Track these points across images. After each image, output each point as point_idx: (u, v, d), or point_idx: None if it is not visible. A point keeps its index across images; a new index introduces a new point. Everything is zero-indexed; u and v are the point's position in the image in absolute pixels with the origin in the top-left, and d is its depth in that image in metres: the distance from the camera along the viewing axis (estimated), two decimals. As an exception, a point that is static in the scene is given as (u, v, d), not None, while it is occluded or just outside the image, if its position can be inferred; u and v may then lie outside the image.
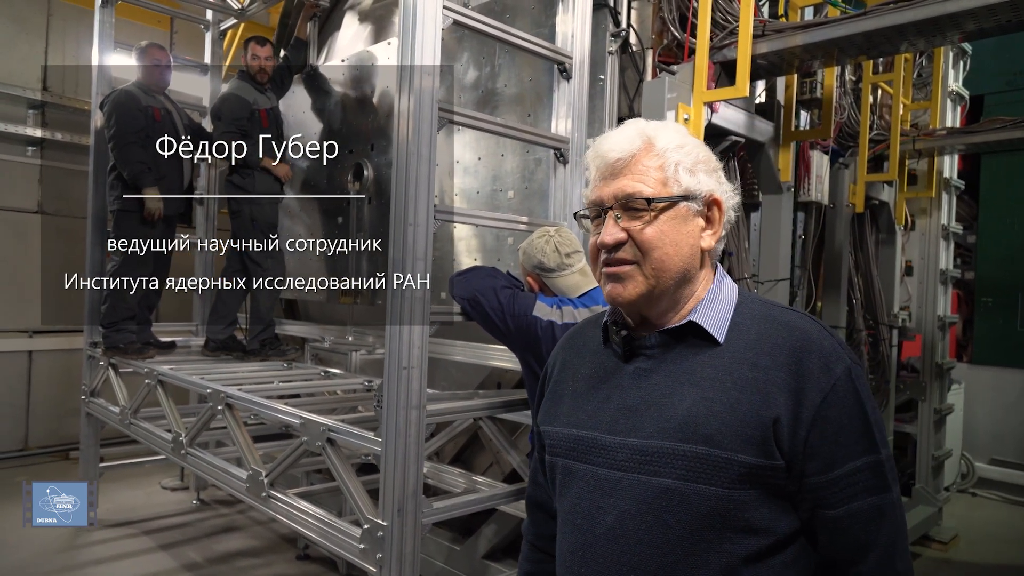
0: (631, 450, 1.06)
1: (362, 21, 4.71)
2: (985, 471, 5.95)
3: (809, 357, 1.02)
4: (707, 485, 1.00)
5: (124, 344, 4.21)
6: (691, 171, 1.09)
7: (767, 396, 1.01)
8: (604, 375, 1.16)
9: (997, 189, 6.14)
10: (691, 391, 1.04)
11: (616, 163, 1.10)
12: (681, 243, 1.08)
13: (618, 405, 1.10)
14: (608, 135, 1.14)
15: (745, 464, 0.99)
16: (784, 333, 1.05)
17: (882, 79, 4.67)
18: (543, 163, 3.29)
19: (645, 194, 1.07)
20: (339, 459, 2.61)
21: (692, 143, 1.12)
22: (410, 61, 2.32)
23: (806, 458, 1.00)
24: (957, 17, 2.61)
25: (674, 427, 1.03)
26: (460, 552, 3.59)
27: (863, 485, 1.00)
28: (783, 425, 0.99)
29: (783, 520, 1.02)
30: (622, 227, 1.08)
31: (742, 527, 1.00)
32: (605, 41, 3.14)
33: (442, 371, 3.83)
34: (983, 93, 6.21)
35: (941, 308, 5.41)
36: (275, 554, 4.27)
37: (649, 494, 1.03)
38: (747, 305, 1.11)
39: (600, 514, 1.08)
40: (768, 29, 2.99)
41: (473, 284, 2.44)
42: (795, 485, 1.01)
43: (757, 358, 1.03)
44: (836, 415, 1.00)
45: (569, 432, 1.16)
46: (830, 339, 1.05)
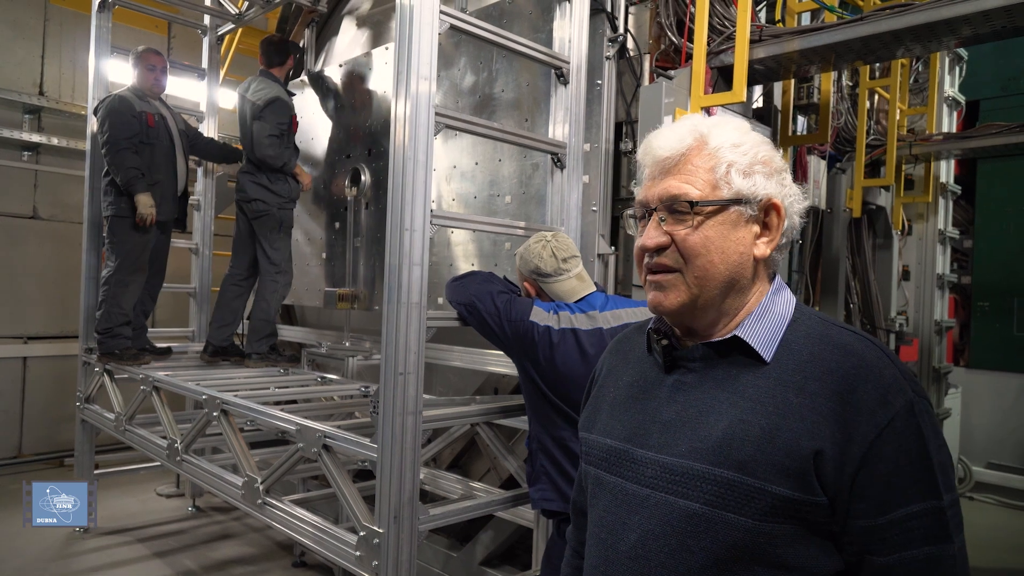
0: (661, 467, 1.00)
1: (360, 26, 4.71)
2: (982, 475, 5.95)
3: (864, 387, 0.92)
4: (735, 514, 0.92)
5: (120, 350, 4.19)
6: (746, 173, 1.01)
7: (811, 425, 0.91)
8: (644, 385, 1.10)
9: (993, 194, 6.15)
10: (730, 411, 0.97)
11: (665, 161, 1.03)
12: (729, 251, 1.00)
13: (653, 418, 1.05)
14: (661, 131, 1.07)
15: (778, 496, 0.90)
16: (838, 357, 0.95)
17: (879, 84, 4.68)
18: (540, 168, 3.29)
19: (691, 196, 1.00)
20: (335, 465, 2.59)
21: (751, 142, 1.04)
22: (406, 66, 2.32)
23: (853, 498, 0.90)
24: (953, 23, 2.61)
25: (707, 448, 0.96)
26: (457, 559, 3.57)
27: (919, 533, 0.89)
28: (827, 459, 0.90)
29: (822, 560, 0.93)
30: (665, 230, 1.01)
31: (772, 563, 0.92)
32: (602, 46, 3.14)
33: (439, 376, 3.82)
34: (979, 98, 6.23)
35: (938, 312, 5.42)
36: (271, 561, 4.24)
37: (674, 516, 0.97)
38: (803, 322, 1.02)
39: (624, 531, 1.03)
40: (765, 34, 2.99)
41: (470, 289, 2.42)
42: (839, 526, 0.92)
43: (805, 382, 0.94)
44: (892, 454, 0.90)
45: (603, 441, 1.12)
46: (891, 367, 0.94)
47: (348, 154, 4.46)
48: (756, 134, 1.06)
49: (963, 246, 6.29)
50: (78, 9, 6.17)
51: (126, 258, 4.16)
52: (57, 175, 6.21)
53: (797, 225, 1.05)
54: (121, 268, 4.16)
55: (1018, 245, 5.96)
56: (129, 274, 4.19)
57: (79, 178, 5.09)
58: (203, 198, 5.34)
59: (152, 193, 4.11)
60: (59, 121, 6.22)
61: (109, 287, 4.17)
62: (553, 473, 2.27)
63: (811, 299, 4.41)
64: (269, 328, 4.30)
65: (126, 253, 4.16)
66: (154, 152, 4.20)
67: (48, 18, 6.20)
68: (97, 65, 4.71)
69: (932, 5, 2.62)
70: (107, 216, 4.19)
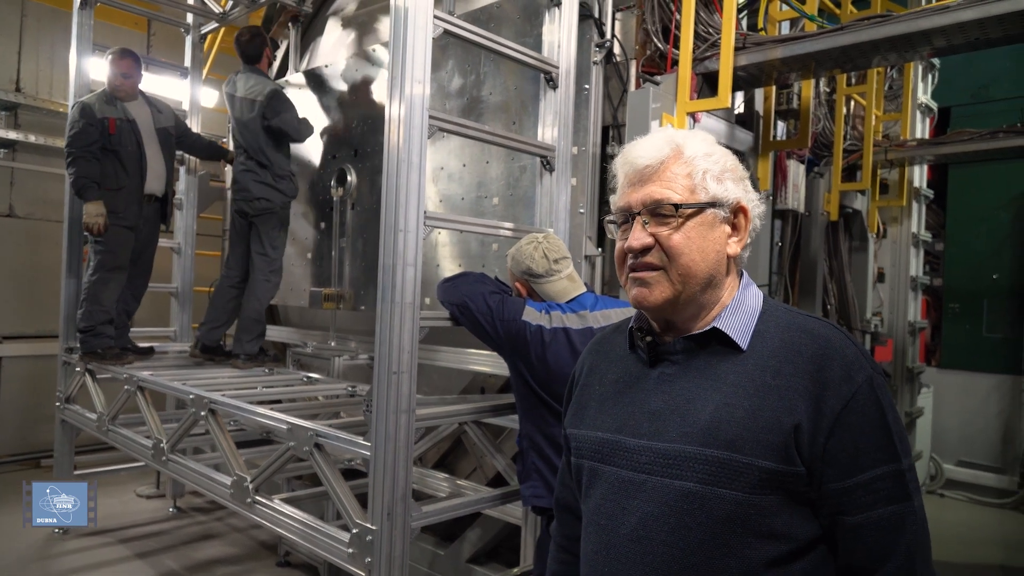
0: (654, 453, 1.08)
1: (345, 27, 4.71)
2: (953, 472, 6.10)
3: (831, 365, 1.02)
4: (727, 489, 1.01)
5: (102, 349, 4.16)
6: (718, 179, 1.11)
7: (789, 403, 1.01)
8: (629, 380, 1.18)
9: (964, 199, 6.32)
10: (714, 397, 1.06)
11: (645, 170, 1.12)
12: (707, 249, 1.10)
13: (642, 409, 1.12)
14: (637, 142, 1.16)
15: (765, 470, 1.00)
16: (807, 341, 1.06)
17: (855, 91, 4.80)
18: (528, 170, 3.33)
19: (673, 200, 1.09)
20: (327, 464, 2.61)
21: (720, 152, 1.14)
22: (401, 69, 2.35)
23: (825, 464, 1.00)
24: (929, 34, 2.70)
25: (697, 432, 1.04)
26: (444, 556, 3.60)
27: (883, 493, 1.00)
28: (803, 432, 1.00)
29: (804, 526, 1.02)
30: (649, 232, 1.10)
31: (762, 532, 1.00)
32: (590, 51, 3.20)
33: (424, 377, 3.84)
34: (950, 105, 6.40)
35: (911, 314, 5.56)
36: (255, 561, 4.23)
37: (671, 497, 1.04)
38: (771, 313, 1.12)
39: (624, 515, 1.09)
40: (748, 42, 3.06)
41: (462, 290, 2.46)
42: (815, 492, 1.02)
43: (780, 365, 1.04)
44: (856, 422, 1.00)
45: (595, 435, 1.18)
46: (853, 348, 1.05)
47: (334, 154, 4.47)
48: (720, 146, 1.17)
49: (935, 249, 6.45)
50: (56, 5, 6.10)
51: (107, 256, 4.13)
52: (34, 172, 6.13)
53: (758, 227, 1.16)
54: (102, 266, 4.13)
55: (987, 249, 6.13)
56: (110, 271, 4.16)
57: (57, 176, 5.05)
58: (185, 197, 5.30)
59: (117, 198, 4.11)
60: (36, 118, 6.14)
61: (90, 285, 4.14)
62: (544, 470, 2.31)
63: (790, 300, 4.50)
64: (260, 328, 4.29)
65: (107, 251, 4.13)
66: (118, 157, 4.16)
67: (25, 14, 6.12)
68: (78, 63, 4.66)
69: (909, 16, 2.71)
70: None
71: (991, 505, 5.83)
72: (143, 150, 4.28)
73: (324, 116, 4.58)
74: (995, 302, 6.08)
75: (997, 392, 6.05)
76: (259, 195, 4.17)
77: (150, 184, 4.33)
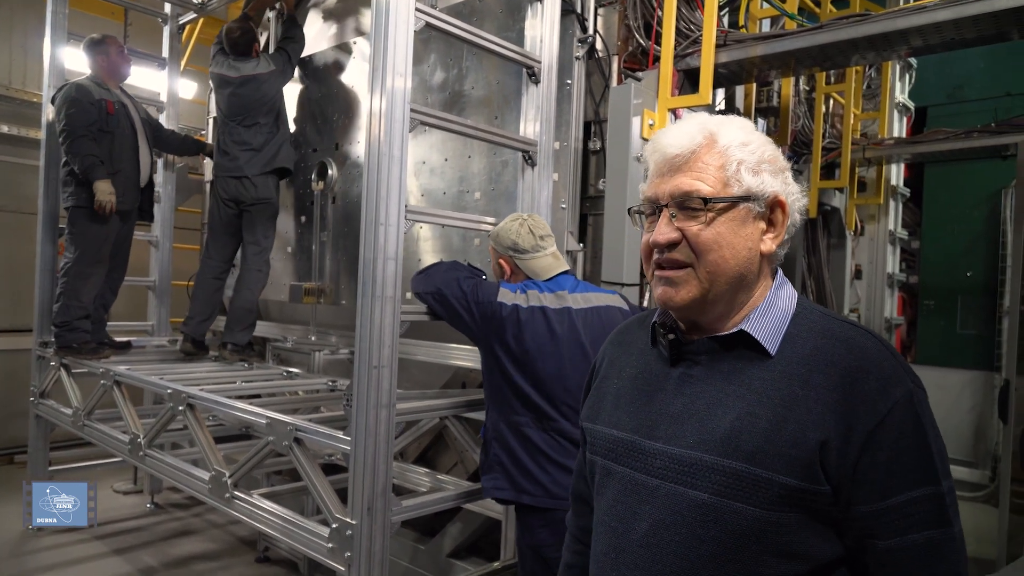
0: (669, 458, 1.03)
1: (326, 19, 4.67)
2: (927, 467, 6.19)
3: (866, 378, 0.95)
4: (744, 504, 0.95)
5: (78, 344, 4.10)
6: (754, 171, 1.03)
7: (817, 416, 0.94)
8: (649, 378, 1.12)
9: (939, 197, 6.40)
10: (737, 404, 0.99)
11: (675, 159, 1.04)
12: (738, 246, 1.02)
13: (660, 410, 1.07)
14: (668, 129, 1.09)
15: (786, 486, 0.93)
16: (841, 350, 0.98)
17: (834, 89, 4.84)
18: (510, 165, 3.33)
19: (703, 193, 1.01)
20: (307, 458, 2.60)
21: (758, 141, 1.06)
22: (382, 62, 2.33)
23: (855, 485, 0.93)
24: (906, 33, 2.74)
25: (715, 440, 0.99)
26: (425, 551, 3.60)
27: (919, 518, 0.93)
28: (831, 449, 0.93)
29: (824, 547, 0.96)
30: (677, 226, 1.03)
31: (779, 551, 0.95)
32: (572, 47, 3.20)
33: (405, 372, 3.83)
34: (927, 105, 6.48)
35: (888, 310, 5.64)
36: (234, 557, 4.20)
37: (684, 506, 0.99)
38: (805, 316, 1.05)
39: (635, 520, 1.05)
40: (729, 39, 3.08)
41: (436, 279, 2.46)
42: (841, 512, 0.95)
43: (810, 375, 0.97)
44: (892, 441, 0.93)
45: (609, 432, 1.14)
46: (891, 359, 0.98)
47: (315, 147, 4.43)
48: (761, 133, 1.09)
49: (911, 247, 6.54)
50: (30, -7, 5.98)
51: (86, 250, 4.06)
52: (8, 164, 6.01)
53: (798, 222, 1.09)
54: (81, 260, 4.06)
55: (962, 246, 6.22)
56: (89, 266, 4.09)
57: (32, 168, 4.95)
58: (163, 190, 5.23)
59: (114, 182, 4.02)
60: (10, 109, 6.02)
61: (68, 279, 4.06)
62: (507, 462, 2.32)
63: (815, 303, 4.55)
64: (252, 318, 4.25)
65: (87, 245, 4.06)
66: (114, 140, 4.10)
67: (-1, 1, 6.00)
68: (53, 52, 4.58)
69: (887, 16, 2.75)
70: (67, 207, 4.09)
71: (964, 499, 5.92)
72: (136, 135, 4.23)
73: (305, 108, 4.55)
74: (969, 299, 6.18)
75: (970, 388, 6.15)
76: (262, 191, 4.12)
77: (142, 171, 4.29)
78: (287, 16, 4.42)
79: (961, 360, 6.19)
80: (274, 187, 4.22)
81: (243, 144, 4.14)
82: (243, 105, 4.14)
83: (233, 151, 4.16)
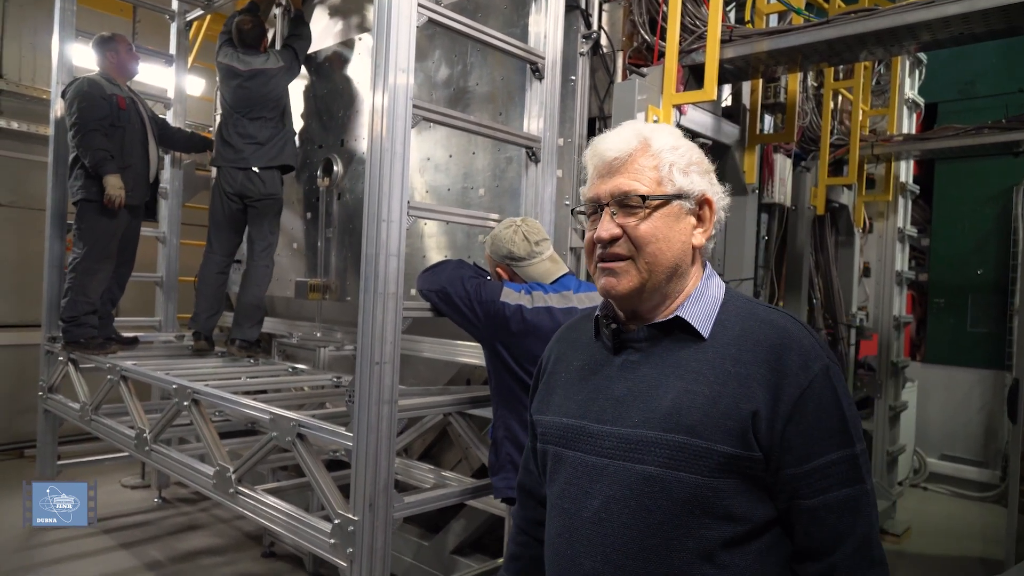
0: (617, 438, 1.11)
1: (332, 16, 4.67)
2: (936, 466, 6.17)
3: (789, 354, 1.06)
4: (687, 473, 1.04)
5: (85, 339, 4.12)
6: (684, 171, 1.14)
7: (747, 390, 1.05)
8: (594, 367, 1.21)
9: (949, 194, 6.36)
10: (676, 383, 1.09)
11: (613, 162, 1.14)
12: (673, 240, 1.12)
13: (606, 395, 1.15)
14: (606, 135, 1.18)
15: (724, 454, 1.03)
16: (766, 330, 1.09)
17: (842, 85, 4.81)
18: (514, 161, 3.32)
19: (640, 191, 1.11)
20: (309, 454, 2.61)
21: (686, 145, 1.17)
22: (384, 58, 2.33)
23: (783, 451, 1.03)
24: (914, 28, 2.71)
25: (659, 417, 1.07)
26: (429, 547, 3.60)
27: (838, 477, 1.04)
28: (761, 419, 1.03)
29: (760, 509, 1.06)
30: (618, 223, 1.12)
31: (720, 514, 1.04)
32: (576, 42, 3.18)
33: (411, 368, 3.83)
34: (937, 101, 6.42)
35: (896, 308, 5.59)
36: (240, 552, 4.22)
37: (633, 480, 1.07)
38: (732, 303, 1.16)
39: (587, 499, 1.12)
40: (735, 35, 3.06)
41: (441, 277, 2.45)
42: (772, 477, 1.05)
43: (739, 353, 1.08)
44: (812, 410, 1.04)
45: (560, 421, 1.21)
46: (810, 338, 1.09)
47: (320, 144, 4.44)
48: (686, 139, 1.19)
49: (921, 244, 6.49)
50: (39, -10, 6.01)
51: (95, 245, 4.08)
52: (17, 160, 6.05)
53: (722, 219, 1.19)
54: (89, 255, 4.08)
55: (972, 244, 6.18)
56: (97, 261, 4.11)
57: (40, 164, 4.98)
58: (170, 186, 5.26)
59: (124, 177, 4.03)
60: (19, 105, 6.06)
61: (76, 275, 4.09)
62: (519, 461, 2.30)
63: (776, 294, 4.53)
64: (260, 314, 4.27)
65: (95, 240, 4.08)
66: (125, 135, 4.12)
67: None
68: (61, 48, 4.61)
69: (895, 10, 2.72)
70: (76, 201, 4.11)
71: (973, 499, 5.90)
72: (147, 130, 4.25)
73: (310, 105, 4.55)
74: (979, 297, 6.13)
75: (980, 387, 6.11)
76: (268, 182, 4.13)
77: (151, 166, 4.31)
78: (294, 13, 4.43)
79: (971, 359, 6.15)
80: (279, 183, 4.23)
81: (248, 137, 4.14)
82: (249, 98, 4.15)
83: (237, 143, 4.16)
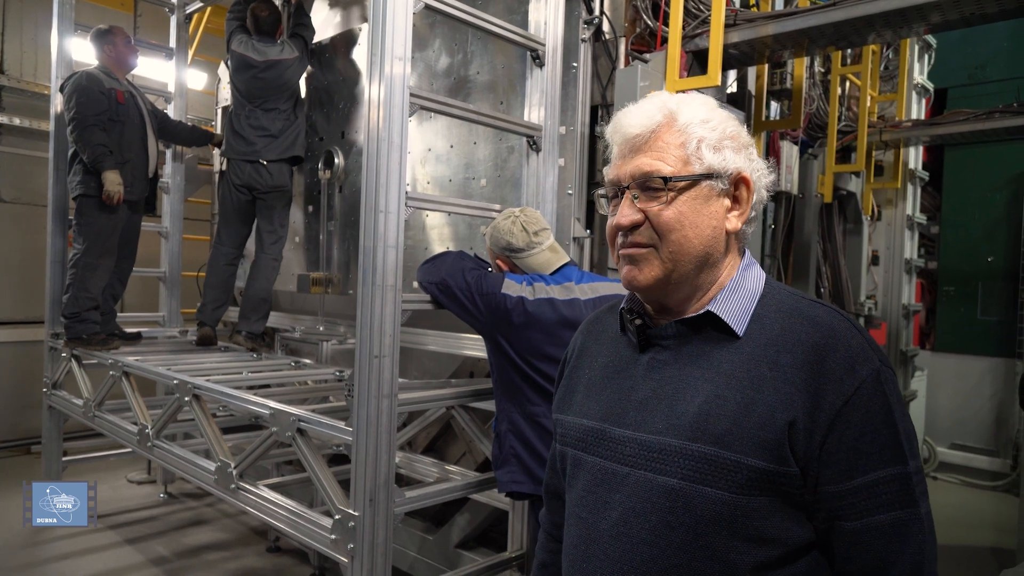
0: (638, 445, 1.00)
1: (332, 6, 4.62)
2: (946, 455, 6.11)
3: (832, 355, 0.93)
4: (713, 488, 0.93)
5: (87, 335, 4.11)
6: (716, 148, 1.01)
7: (785, 397, 0.92)
8: (619, 365, 1.10)
9: (959, 180, 6.27)
10: (705, 387, 0.97)
11: (635, 139, 1.03)
12: (702, 225, 1.00)
13: (629, 397, 1.05)
14: (629, 109, 1.06)
15: (755, 468, 0.91)
16: (809, 329, 0.96)
17: (850, 71, 4.73)
18: (516, 151, 3.28)
19: (663, 172, 1.00)
20: (309, 449, 2.58)
21: (719, 117, 1.04)
22: (380, 47, 2.28)
23: (822, 465, 0.91)
24: (923, 9, 2.64)
25: (684, 424, 0.97)
26: (433, 541, 3.58)
27: (886, 498, 0.91)
28: (799, 428, 0.91)
29: (795, 530, 0.94)
30: (639, 208, 1.01)
31: (750, 536, 0.92)
32: (578, 29, 3.13)
33: (414, 361, 3.81)
34: (947, 86, 6.33)
35: (906, 297, 5.53)
36: (245, 547, 4.22)
37: (654, 493, 0.97)
38: (773, 296, 1.03)
39: (605, 509, 1.03)
40: (740, 19, 2.99)
41: (442, 269, 2.42)
42: (810, 494, 0.93)
43: (778, 356, 0.95)
44: (858, 420, 0.91)
45: (580, 422, 1.11)
46: (859, 337, 0.96)
47: (321, 136, 4.40)
48: (723, 110, 1.06)
49: (930, 232, 6.41)
50: (39, -16, 5.99)
51: (95, 240, 4.06)
52: (19, 156, 6.03)
53: (764, 199, 1.07)
54: (90, 251, 4.06)
55: (983, 231, 6.09)
56: (98, 257, 4.09)
57: (42, 160, 4.96)
58: (172, 181, 5.23)
59: (122, 172, 4.00)
60: (20, 101, 6.04)
61: (77, 270, 4.07)
62: (523, 454, 2.27)
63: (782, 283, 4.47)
64: (266, 307, 4.26)
65: (95, 235, 4.06)
66: (124, 130, 4.08)
67: (8, -7, 6.01)
68: (60, 43, 4.58)
69: (903, -9, 2.65)
70: (75, 196, 4.08)
71: (984, 488, 5.84)
72: (145, 125, 4.22)
73: (311, 96, 4.51)
74: (990, 285, 6.05)
75: (991, 375, 6.04)
76: (281, 176, 4.10)
77: (150, 161, 4.28)
78: (295, 4, 4.38)
79: (982, 347, 6.07)
80: (288, 175, 4.19)
81: (261, 129, 4.09)
82: (264, 89, 4.09)
83: (250, 135, 4.10)
